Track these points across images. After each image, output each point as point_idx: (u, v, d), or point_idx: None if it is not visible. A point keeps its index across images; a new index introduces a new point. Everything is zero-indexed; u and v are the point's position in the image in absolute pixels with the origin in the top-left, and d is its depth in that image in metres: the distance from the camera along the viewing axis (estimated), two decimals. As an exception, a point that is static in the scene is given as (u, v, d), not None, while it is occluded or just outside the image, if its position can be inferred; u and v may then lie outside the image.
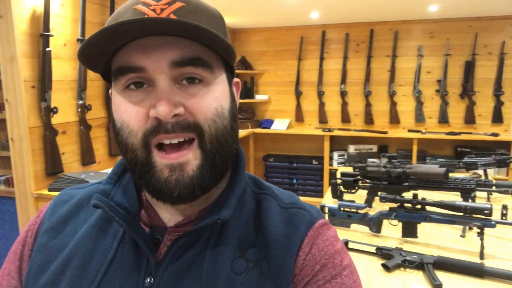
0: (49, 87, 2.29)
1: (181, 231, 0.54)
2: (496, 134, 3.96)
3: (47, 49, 2.27)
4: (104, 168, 2.81)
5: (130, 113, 0.49)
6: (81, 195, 0.63)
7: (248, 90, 4.80)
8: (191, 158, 0.49)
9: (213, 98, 0.50)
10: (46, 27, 2.26)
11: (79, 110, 2.56)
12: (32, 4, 2.23)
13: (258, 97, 4.86)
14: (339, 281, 0.52)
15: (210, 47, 0.50)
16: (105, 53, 0.50)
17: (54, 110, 2.34)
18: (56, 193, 2.38)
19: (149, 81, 0.49)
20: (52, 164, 2.36)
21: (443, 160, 4.07)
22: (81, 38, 2.52)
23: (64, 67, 2.46)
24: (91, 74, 2.64)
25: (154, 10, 0.47)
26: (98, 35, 0.46)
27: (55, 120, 2.37)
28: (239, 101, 0.61)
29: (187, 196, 0.50)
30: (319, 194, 4.58)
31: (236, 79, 0.59)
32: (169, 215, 0.56)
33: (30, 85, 2.24)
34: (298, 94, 4.72)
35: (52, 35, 2.31)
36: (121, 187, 0.57)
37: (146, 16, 0.47)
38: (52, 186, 2.30)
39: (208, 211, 0.54)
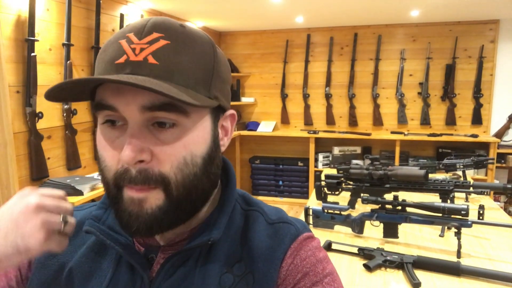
0: (34, 92, 2.28)
1: (173, 250, 0.57)
2: (475, 136, 4.08)
3: (32, 54, 2.26)
4: (90, 172, 2.80)
5: (108, 150, 0.50)
6: (79, 217, 0.63)
7: (234, 93, 4.83)
8: (151, 197, 0.49)
9: (184, 146, 0.49)
10: (31, 32, 2.26)
11: (65, 114, 2.55)
12: (17, 8, 2.22)
13: (244, 100, 4.90)
14: None
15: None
16: (84, 91, 0.51)
17: (39, 115, 2.33)
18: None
19: (123, 119, 0.49)
20: (37, 169, 2.35)
21: (425, 161, 4.17)
22: (66, 42, 2.52)
23: (50, 72, 2.46)
24: (76, 79, 2.64)
25: (134, 50, 0.48)
26: (64, 85, 0.47)
27: (40, 125, 2.37)
28: (232, 133, 0.60)
29: (144, 231, 0.51)
30: (305, 195, 4.64)
31: (230, 111, 0.58)
32: (161, 234, 0.57)
33: (14, 90, 2.23)
34: (284, 97, 4.77)
35: (37, 40, 2.30)
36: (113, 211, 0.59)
37: (125, 54, 0.48)
38: (37, 191, 2.29)
39: (199, 231, 0.56)
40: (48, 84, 2.45)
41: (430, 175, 2.11)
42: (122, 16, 3.05)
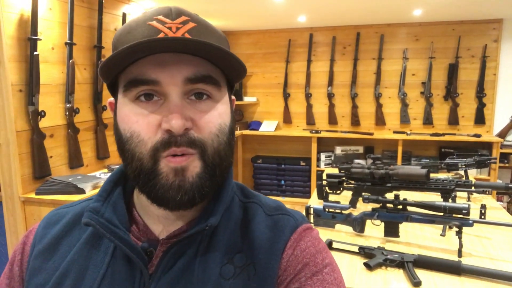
0: (36, 91, 2.30)
1: (173, 242, 0.57)
2: (478, 135, 4.06)
3: (35, 53, 2.27)
4: (92, 171, 2.82)
5: (141, 124, 0.51)
6: (72, 213, 0.64)
7: (237, 92, 4.83)
8: (190, 166, 0.52)
9: (218, 115, 0.54)
10: (34, 31, 2.27)
11: (67, 113, 2.57)
12: (19, 8, 2.23)
13: (247, 99, 4.90)
14: (320, 278, 0.55)
15: (221, 66, 0.54)
16: (121, 66, 0.52)
17: (41, 114, 2.35)
18: (43, 197, 2.35)
19: (161, 94, 0.51)
20: (40, 168, 2.36)
21: (427, 160, 4.16)
22: (69, 41, 2.53)
23: (52, 71, 2.47)
24: (79, 78, 2.65)
25: (170, 28, 0.51)
26: (125, 51, 0.48)
27: (43, 123, 2.38)
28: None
29: (187, 201, 0.52)
30: (307, 195, 4.63)
31: (233, 96, 0.63)
32: (161, 228, 0.58)
33: (17, 89, 2.24)
34: (286, 96, 4.77)
35: (40, 39, 2.32)
36: (110, 204, 0.59)
37: (162, 33, 0.50)
38: (39, 190, 2.30)
39: (196, 220, 0.57)
40: (51, 83, 2.46)
41: (432, 175, 2.11)
42: (124, 15, 3.06)
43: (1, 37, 2.12)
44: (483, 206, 1.79)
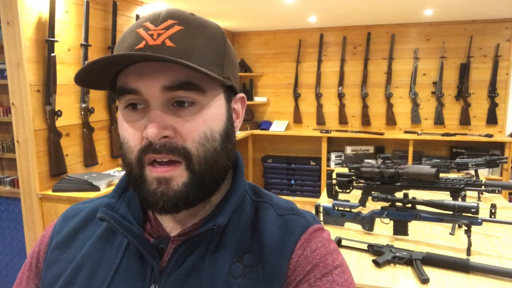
0: (53, 91, 2.37)
1: (183, 240, 0.58)
2: (490, 135, 4.04)
3: (52, 54, 2.34)
4: (106, 169, 2.88)
5: (129, 132, 0.53)
6: (88, 209, 0.66)
7: (247, 92, 4.88)
8: (176, 175, 0.52)
9: (203, 121, 0.53)
10: (51, 33, 2.34)
11: (82, 113, 2.63)
12: (38, 11, 2.30)
13: (257, 99, 4.94)
14: (330, 279, 0.54)
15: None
16: (106, 76, 0.54)
17: (58, 113, 2.41)
18: (59, 194, 2.42)
19: (145, 103, 0.52)
20: (56, 166, 2.43)
21: (438, 160, 4.14)
22: (84, 43, 2.59)
23: (68, 72, 2.54)
24: (94, 78, 2.71)
25: (151, 35, 0.51)
26: (92, 65, 0.50)
27: (59, 122, 2.45)
28: (243, 116, 0.62)
29: (170, 208, 0.53)
30: (317, 194, 4.65)
31: (240, 95, 0.61)
32: (171, 225, 0.59)
33: (35, 89, 2.31)
34: (296, 96, 4.79)
35: (57, 41, 2.39)
36: (125, 200, 0.61)
37: (143, 40, 0.51)
38: (56, 187, 2.37)
39: (206, 219, 0.58)
40: (67, 83, 2.53)
41: (442, 175, 2.11)
42: (137, 17, 3.12)
43: (20, 39, 2.20)
44: (493, 206, 1.80)
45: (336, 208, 1.88)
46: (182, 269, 0.55)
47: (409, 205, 1.74)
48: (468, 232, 1.59)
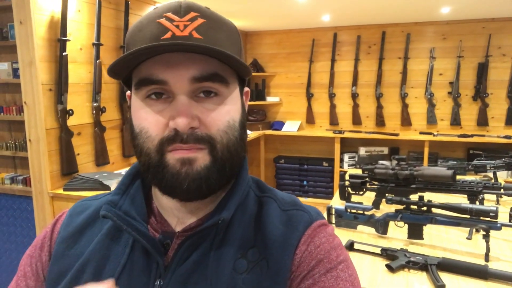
0: (65, 90, 2.37)
1: (187, 235, 0.58)
2: (509, 137, 3.92)
3: (64, 54, 2.35)
4: (118, 168, 2.88)
5: (150, 121, 0.53)
6: (95, 206, 0.66)
7: (260, 92, 4.85)
8: (200, 157, 0.53)
9: (226, 112, 0.55)
10: (63, 32, 2.35)
11: (94, 112, 2.64)
12: (50, 10, 2.31)
13: (270, 99, 4.90)
14: (334, 274, 0.55)
15: (228, 64, 0.54)
16: (130, 66, 0.54)
17: (70, 112, 2.42)
18: (70, 193, 2.43)
19: (169, 93, 0.53)
20: (68, 165, 2.44)
21: (455, 162, 4.04)
22: (96, 42, 2.60)
23: (80, 71, 2.55)
24: (105, 78, 2.72)
25: (177, 26, 0.51)
26: (130, 55, 0.50)
27: (71, 122, 2.45)
28: (247, 108, 0.64)
29: (195, 189, 0.53)
30: (330, 196, 4.59)
31: (246, 89, 0.63)
32: (176, 220, 0.59)
33: (47, 88, 2.32)
34: (309, 96, 4.74)
35: (69, 40, 2.39)
36: (129, 197, 0.61)
37: (169, 31, 0.51)
38: (67, 186, 2.38)
39: (211, 214, 0.58)
40: (79, 82, 2.53)
41: (459, 177, 2.05)
42: (150, 16, 3.12)
43: (32, 38, 2.21)
44: (513, 210, 1.73)
45: (348, 210, 1.83)
46: (187, 264, 0.55)
47: (425, 208, 1.68)
48: (486, 237, 1.53)
